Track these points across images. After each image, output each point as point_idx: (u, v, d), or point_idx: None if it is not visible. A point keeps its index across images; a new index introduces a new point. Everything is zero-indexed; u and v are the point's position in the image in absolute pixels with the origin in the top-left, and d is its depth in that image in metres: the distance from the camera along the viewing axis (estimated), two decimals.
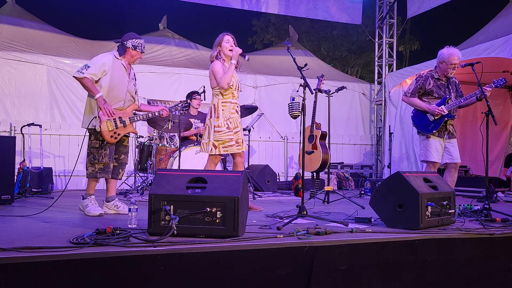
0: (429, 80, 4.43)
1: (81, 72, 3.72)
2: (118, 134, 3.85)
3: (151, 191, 2.66)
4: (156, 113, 4.12)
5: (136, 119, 3.98)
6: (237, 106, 4.14)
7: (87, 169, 3.87)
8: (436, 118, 4.34)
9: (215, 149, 4.01)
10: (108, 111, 3.74)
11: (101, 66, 3.76)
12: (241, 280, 2.36)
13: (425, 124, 4.40)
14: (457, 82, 4.56)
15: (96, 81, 3.77)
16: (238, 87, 4.15)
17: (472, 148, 7.62)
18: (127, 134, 4.02)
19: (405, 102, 4.65)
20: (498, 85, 4.22)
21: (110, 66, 3.81)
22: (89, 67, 3.74)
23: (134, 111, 4.03)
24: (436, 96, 4.41)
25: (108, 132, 3.77)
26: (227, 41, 4.07)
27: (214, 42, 4.17)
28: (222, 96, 4.06)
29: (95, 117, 3.77)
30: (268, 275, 2.41)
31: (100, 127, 3.73)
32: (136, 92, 4.08)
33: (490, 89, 4.20)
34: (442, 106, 4.32)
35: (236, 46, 4.09)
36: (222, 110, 4.03)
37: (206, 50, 9.08)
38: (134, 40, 3.93)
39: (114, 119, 3.80)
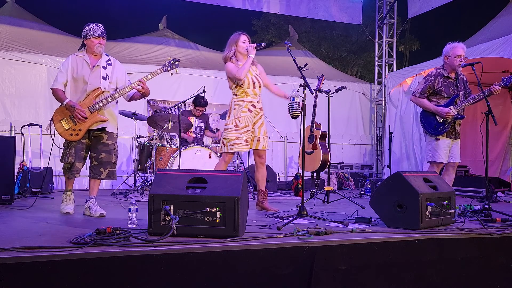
0: (438, 79, 4.36)
1: (52, 83, 3.81)
2: (80, 130, 3.68)
3: (151, 191, 2.66)
4: (127, 89, 3.80)
5: (98, 106, 3.70)
6: (253, 105, 4.11)
7: None
8: (445, 119, 4.29)
9: (224, 146, 4.12)
10: (79, 116, 3.63)
11: (65, 70, 3.78)
12: (241, 280, 2.36)
13: (434, 125, 4.34)
14: (465, 79, 4.49)
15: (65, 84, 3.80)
16: (254, 84, 4.13)
17: (472, 148, 7.61)
18: (104, 129, 3.79)
19: (413, 102, 4.57)
20: (508, 82, 4.18)
21: (69, 65, 3.78)
22: (57, 76, 3.79)
23: (97, 98, 3.76)
24: (445, 95, 4.34)
25: (66, 131, 3.68)
26: (244, 41, 4.13)
27: (228, 41, 4.20)
28: (236, 95, 4.14)
29: (50, 121, 3.73)
30: (268, 275, 2.41)
31: (56, 130, 3.67)
32: (104, 78, 3.81)
33: (500, 87, 4.19)
34: (451, 107, 4.27)
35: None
36: (234, 109, 4.11)
37: (206, 50, 9.09)
38: (84, 30, 3.81)
39: (70, 115, 3.68)
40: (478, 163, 7.12)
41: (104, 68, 3.82)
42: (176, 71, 3.96)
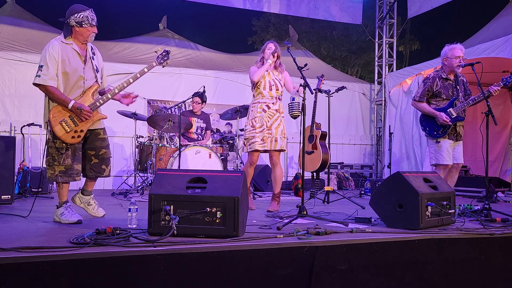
0: (436, 81, 4.37)
1: (41, 77, 3.20)
2: (81, 131, 3.29)
3: (151, 191, 2.66)
4: (125, 84, 3.40)
5: (98, 104, 3.34)
6: (267, 105, 4.27)
7: (47, 172, 3.33)
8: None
9: (245, 146, 4.36)
10: (87, 117, 3.26)
11: (54, 62, 3.22)
12: (241, 280, 2.36)
13: (434, 128, 4.34)
14: (465, 81, 4.49)
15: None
16: (271, 87, 4.30)
17: (472, 148, 7.61)
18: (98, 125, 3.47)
19: (414, 107, 4.57)
20: (507, 82, 4.17)
21: (59, 55, 3.25)
22: (47, 69, 3.20)
23: (97, 95, 3.44)
24: (444, 97, 4.35)
25: (67, 134, 3.23)
26: (269, 48, 4.37)
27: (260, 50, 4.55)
28: (254, 97, 4.38)
29: (47, 123, 3.27)
30: (268, 275, 2.41)
31: (55, 133, 3.22)
32: (97, 70, 3.42)
33: (499, 88, 4.18)
34: (451, 109, 4.27)
35: (277, 52, 4.34)
36: (252, 110, 4.33)
37: (206, 50, 9.09)
38: (76, 15, 3.28)
39: (70, 115, 3.24)
40: (478, 163, 7.13)
41: (92, 59, 3.41)
42: (167, 63, 3.60)
